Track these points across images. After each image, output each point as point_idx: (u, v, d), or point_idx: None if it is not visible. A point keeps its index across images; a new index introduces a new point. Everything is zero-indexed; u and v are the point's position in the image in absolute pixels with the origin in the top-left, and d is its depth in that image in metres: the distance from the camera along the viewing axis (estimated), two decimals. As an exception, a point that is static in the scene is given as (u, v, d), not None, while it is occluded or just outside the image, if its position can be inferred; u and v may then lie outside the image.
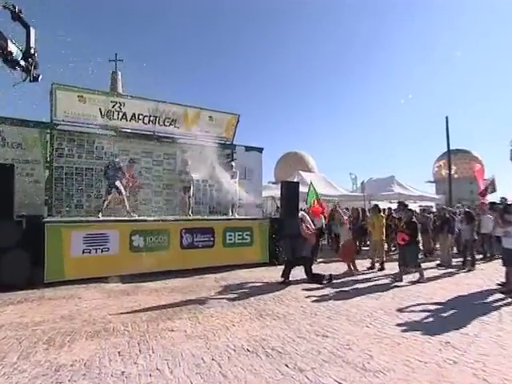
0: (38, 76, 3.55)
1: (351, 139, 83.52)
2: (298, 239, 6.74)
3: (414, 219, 7.32)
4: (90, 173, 9.34)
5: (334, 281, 6.83)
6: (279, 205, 10.93)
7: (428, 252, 10.42)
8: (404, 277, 7.10)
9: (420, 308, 5.10)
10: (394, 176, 16.34)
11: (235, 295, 5.78)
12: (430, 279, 7.18)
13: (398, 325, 4.38)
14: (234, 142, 11.35)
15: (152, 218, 8.02)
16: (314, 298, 5.62)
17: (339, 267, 8.23)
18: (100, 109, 9.28)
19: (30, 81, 3.50)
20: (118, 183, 8.19)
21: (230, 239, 8.36)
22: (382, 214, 8.82)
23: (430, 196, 17.39)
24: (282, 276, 6.78)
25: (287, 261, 6.94)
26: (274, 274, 7.42)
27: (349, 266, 7.85)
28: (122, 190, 8.26)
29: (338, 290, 6.23)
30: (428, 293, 6.02)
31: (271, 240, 8.85)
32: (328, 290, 6.17)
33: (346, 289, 6.30)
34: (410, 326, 4.32)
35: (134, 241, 7.20)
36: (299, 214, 6.91)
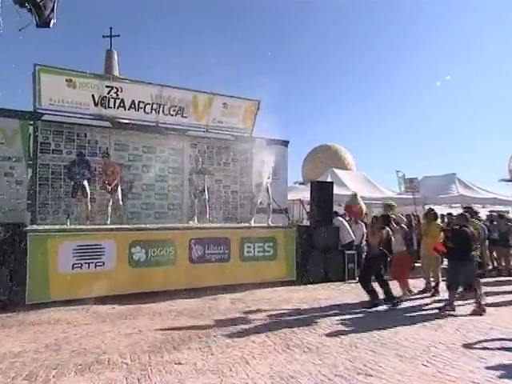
0: (50, 20, 3.43)
1: (397, 129, 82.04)
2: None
3: (469, 227, 6.68)
4: (82, 172, 9.27)
5: (380, 306, 6.69)
6: (308, 209, 11.10)
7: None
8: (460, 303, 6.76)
9: (495, 344, 4.78)
10: (455, 174, 15.76)
11: (256, 321, 5.75)
12: (501, 304, 6.92)
13: (466, 364, 4.14)
14: (252, 134, 11.39)
15: (155, 226, 8.09)
16: (355, 327, 5.50)
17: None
18: (93, 95, 9.43)
19: (38, 25, 3.36)
20: (85, 183, 8.45)
21: (248, 252, 8.39)
22: (438, 221, 8.52)
23: (507, 199, 15.90)
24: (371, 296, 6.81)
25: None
26: (303, 294, 7.44)
27: (402, 287, 7.58)
28: (88, 191, 8.50)
29: (384, 316, 6.09)
30: (506, 323, 5.71)
31: (299, 253, 8.83)
32: (372, 317, 6.05)
33: (395, 316, 6.14)
34: (482, 368, 4.04)
35: (135, 253, 7.28)
36: (336, 221, 6.82)
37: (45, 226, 7.87)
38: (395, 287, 7.60)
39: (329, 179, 14.13)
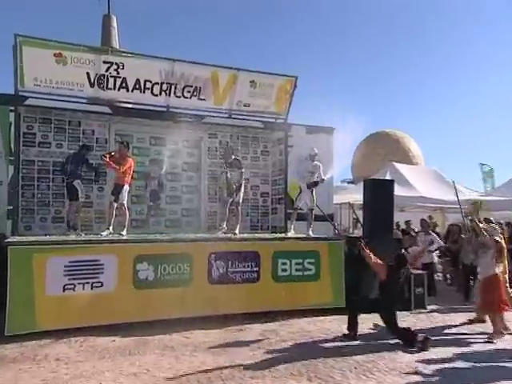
0: None
1: (474, 111, 79.58)
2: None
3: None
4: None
5: (463, 348, 6.45)
6: (361, 216, 10.98)
7: None
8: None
9: None
10: None
11: (293, 360, 5.66)
12: None
13: None
14: (288, 120, 11.37)
15: (167, 237, 8.18)
16: (425, 371, 5.35)
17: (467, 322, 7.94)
18: (88, 73, 9.49)
19: None
20: (76, 183, 8.69)
21: (283, 270, 8.38)
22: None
23: None
24: (348, 328, 6.96)
25: (349, 303, 7.04)
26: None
27: (493, 322, 7.27)
28: (80, 194, 8.72)
29: (468, 360, 5.85)
30: None
31: (349, 272, 8.76)
32: (449, 357, 5.87)
33: (484, 361, 5.85)
34: None
35: (140, 271, 7.31)
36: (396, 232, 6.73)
37: (29, 237, 7.91)
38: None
39: (388, 176, 13.99)
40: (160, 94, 10.18)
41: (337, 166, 10.94)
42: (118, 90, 9.82)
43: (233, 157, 9.39)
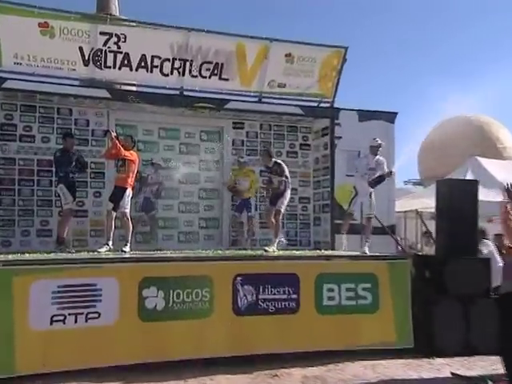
0: None
1: None
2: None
3: None
4: (65, 169, 9.75)
5: None
6: (432, 228, 10.83)
7: None
8: None
9: None
10: None
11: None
12: None
13: None
14: (335, 104, 11.42)
15: (180, 255, 8.34)
16: None
17: None
18: (81, 48, 9.58)
19: None
20: (59, 188, 8.92)
21: (330, 298, 8.30)
22: None
23: None
24: None
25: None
26: (428, 376, 7.11)
27: None
28: (68, 198, 8.91)
29: None
30: None
31: (418, 302, 8.63)
32: None
33: None
34: None
35: (148, 299, 7.27)
36: (483, 246, 6.51)
37: (8, 255, 7.94)
38: None
39: (470, 175, 13.83)
40: (171, 73, 10.30)
41: (399, 163, 10.93)
42: (119, 68, 9.97)
43: (273, 160, 9.52)
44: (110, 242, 8.61)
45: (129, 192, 8.86)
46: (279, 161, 9.69)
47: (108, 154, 9.25)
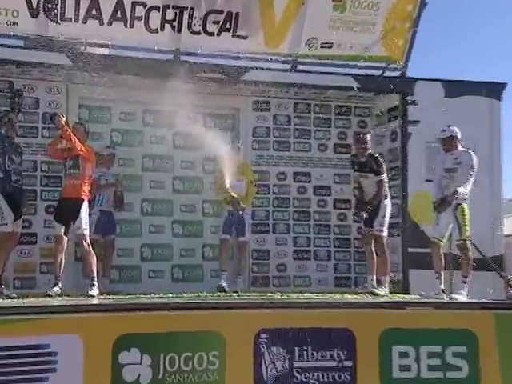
0: None
1: None
2: None
3: None
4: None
5: None
6: None
7: None
8: None
9: None
10: None
11: None
12: None
13: None
14: (408, 73, 11.60)
15: (175, 300, 8.28)
16: None
17: None
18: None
19: None
20: None
21: (403, 367, 8.00)
22: None
23: None
24: None
25: None
26: None
27: None
28: (6, 215, 8.61)
29: None
30: None
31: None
32: None
33: None
34: None
35: (127, 367, 6.92)
36: None
37: None
38: None
39: None
40: (162, 28, 10.29)
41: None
42: (84, 22, 9.89)
43: (368, 151, 9.63)
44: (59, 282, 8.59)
45: (86, 206, 8.87)
46: (375, 154, 9.79)
47: (54, 149, 8.99)
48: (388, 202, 9.60)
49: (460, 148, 9.29)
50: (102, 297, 8.61)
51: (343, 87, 11.05)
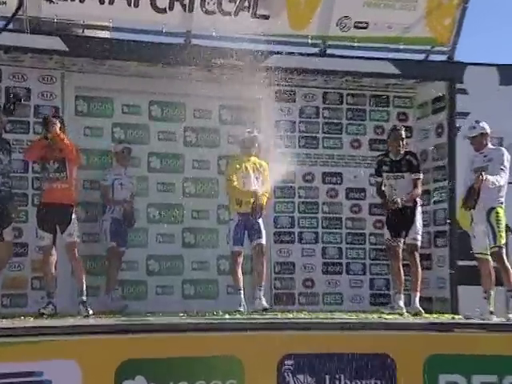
0: None
1: None
2: None
3: None
4: None
5: None
6: None
7: None
8: None
9: None
10: None
11: None
12: None
13: None
14: (455, 55, 11.43)
15: (186, 321, 8.22)
16: None
17: None
18: None
19: None
20: None
21: None
22: None
23: None
24: None
25: None
26: None
27: None
28: None
29: None
30: None
31: None
32: None
33: None
34: None
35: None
36: None
37: None
38: None
39: None
40: (171, 7, 10.28)
41: None
42: (82, 0, 9.82)
43: (403, 141, 9.56)
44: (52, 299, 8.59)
45: (74, 213, 9.01)
46: (411, 150, 9.87)
47: (35, 154, 9.15)
48: (419, 210, 9.62)
49: (490, 146, 9.34)
50: (102, 316, 8.55)
51: (380, 74, 10.97)
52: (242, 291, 9.62)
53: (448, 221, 10.86)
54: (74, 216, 8.86)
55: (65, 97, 10.16)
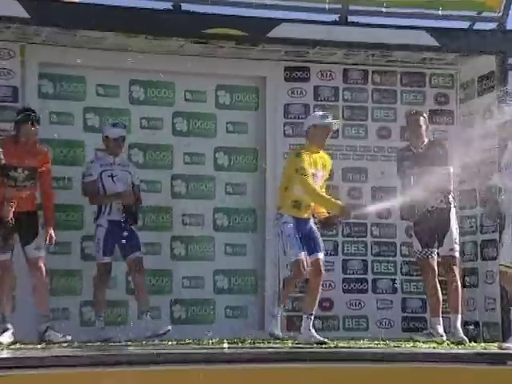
0: None
1: None
2: None
3: None
4: None
5: None
6: None
7: None
8: None
9: None
10: None
11: None
12: None
13: None
14: (507, 24, 11.03)
15: (180, 350, 8.05)
16: None
17: None
18: None
19: None
20: None
21: None
22: None
23: None
24: None
25: None
26: None
27: None
28: None
29: None
30: None
31: None
32: None
33: None
34: None
35: None
36: None
37: None
38: None
39: None
40: None
41: None
42: None
43: (422, 129, 9.77)
44: (10, 324, 8.52)
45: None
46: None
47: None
48: (454, 211, 9.47)
49: None
50: (75, 345, 8.33)
51: (414, 46, 10.55)
52: (279, 311, 9.42)
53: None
54: (40, 225, 8.88)
55: (25, 75, 9.95)
